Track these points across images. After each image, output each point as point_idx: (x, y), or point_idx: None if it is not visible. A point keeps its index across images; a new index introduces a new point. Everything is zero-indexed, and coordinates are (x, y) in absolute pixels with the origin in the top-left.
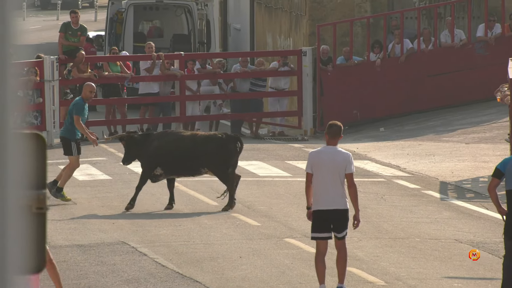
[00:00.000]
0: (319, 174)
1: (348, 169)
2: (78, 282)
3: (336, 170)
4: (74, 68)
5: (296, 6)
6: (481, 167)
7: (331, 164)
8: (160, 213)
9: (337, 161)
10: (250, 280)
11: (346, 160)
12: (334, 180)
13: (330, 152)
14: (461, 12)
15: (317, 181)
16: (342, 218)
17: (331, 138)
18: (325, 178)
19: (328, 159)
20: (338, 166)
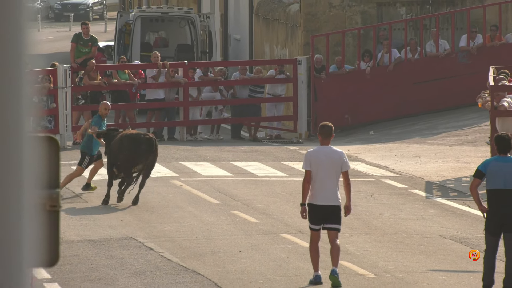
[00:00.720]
0: (316, 171)
1: (344, 166)
2: (89, 275)
3: (333, 168)
4: (85, 75)
5: (292, 18)
6: (463, 168)
7: (328, 162)
8: (165, 210)
9: (334, 159)
10: (249, 273)
11: (341, 158)
12: (331, 177)
13: (326, 151)
14: (445, 23)
15: (314, 178)
16: (334, 212)
17: (324, 138)
18: (322, 176)
19: (326, 158)
20: (335, 164)
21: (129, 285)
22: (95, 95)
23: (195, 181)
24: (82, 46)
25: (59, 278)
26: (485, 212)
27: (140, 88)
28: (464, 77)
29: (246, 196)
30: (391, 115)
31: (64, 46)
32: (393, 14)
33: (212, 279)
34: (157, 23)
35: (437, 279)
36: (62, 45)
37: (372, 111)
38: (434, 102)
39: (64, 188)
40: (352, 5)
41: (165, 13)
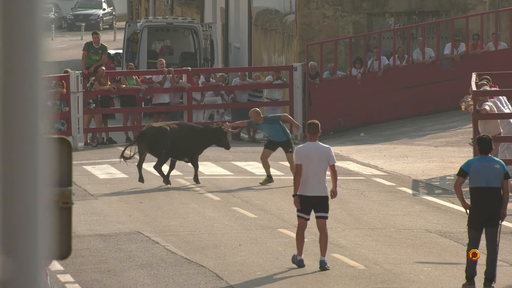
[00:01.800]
0: (307, 165)
1: (331, 160)
2: (99, 266)
3: (321, 162)
4: (96, 81)
5: (288, 27)
6: (448, 167)
7: (316, 157)
8: (170, 207)
9: (321, 154)
10: (248, 265)
11: (328, 154)
12: (319, 170)
13: (314, 147)
14: (431, 33)
15: (304, 172)
16: (322, 202)
17: (312, 135)
18: (311, 169)
19: (314, 153)
20: (323, 158)
21: (136, 276)
22: (105, 99)
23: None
24: (93, 54)
25: (71, 269)
26: (468, 209)
27: (147, 93)
28: (448, 83)
29: (245, 193)
30: (380, 118)
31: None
32: (382, 24)
33: (213, 271)
34: (162, 32)
35: (423, 270)
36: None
37: (363, 114)
38: (420, 106)
39: (75, 186)
40: (344, 15)
41: (170, 23)
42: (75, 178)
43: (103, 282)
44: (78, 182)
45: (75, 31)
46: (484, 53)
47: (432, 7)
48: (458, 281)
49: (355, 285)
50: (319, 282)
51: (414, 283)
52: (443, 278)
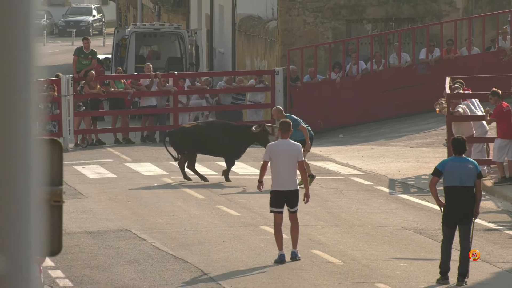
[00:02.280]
0: (278, 161)
1: (300, 157)
2: (89, 262)
3: (291, 158)
4: (86, 85)
5: (270, 33)
6: (423, 167)
7: (287, 154)
8: (157, 205)
9: (292, 151)
10: (232, 261)
11: (298, 151)
12: (289, 167)
13: (285, 145)
14: (407, 38)
15: (276, 167)
16: (294, 196)
17: (283, 133)
18: (282, 165)
19: (285, 150)
20: (293, 156)
21: (124, 272)
22: (94, 102)
23: (184, 179)
24: (83, 59)
25: (62, 265)
26: (442, 207)
27: (134, 96)
28: (423, 86)
29: (229, 192)
30: (358, 120)
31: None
32: (360, 30)
33: (198, 267)
34: (150, 38)
35: (399, 266)
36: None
37: (342, 117)
38: (397, 109)
39: (66, 185)
40: (324, 22)
41: (157, 29)
42: (66, 178)
43: (92, 277)
44: (68, 181)
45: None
46: (457, 57)
47: (408, 14)
48: (433, 276)
49: (334, 280)
50: (299, 277)
51: (391, 278)
52: (418, 273)
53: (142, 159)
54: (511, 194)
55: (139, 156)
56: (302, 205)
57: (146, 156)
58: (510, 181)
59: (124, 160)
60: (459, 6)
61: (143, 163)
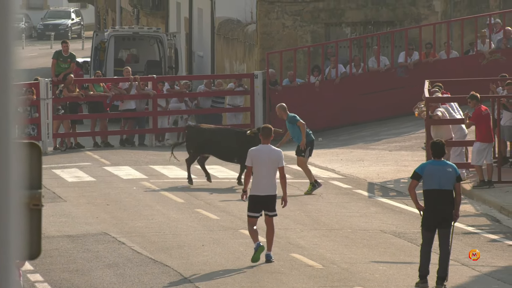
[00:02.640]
0: (258, 167)
1: (280, 163)
2: (68, 266)
3: (272, 164)
4: (65, 88)
5: (249, 37)
6: (402, 170)
7: (268, 159)
8: (136, 209)
9: (273, 157)
10: (211, 264)
11: (279, 156)
12: (269, 172)
13: (266, 150)
14: (386, 42)
15: (256, 172)
16: (272, 201)
17: (264, 138)
18: (262, 170)
19: (266, 156)
20: (273, 161)
21: (103, 275)
22: (73, 105)
23: (163, 183)
24: (62, 62)
25: (41, 269)
26: (421, 210)
27: (113, 100)
28: (402, 90)
29: (208, 195)
30: (338, 124)
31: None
32: (339, 33)
33: (178, 270)
34: (129, 41)
35: (378, 269)
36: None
37: (321, 120)
38: (376, 112)
39: (45, 189)
40: (303, 25)
41: (136, 32)
42: (45, 181)
43: (72, 281)
44: (47, 185)
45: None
46: (436, 61)
47: (387, 18)
48: (412, 279)
49: (313, 284)
50: (278, 281)
51: (370, 281)
52: (397, 276)
53: (121, 162)
54: (490, 197)
55: (118, 160)
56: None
57: (125, 160)
58: (489, 184)
59: (103, 163)
60: (437, 9)
61: (122, 166)
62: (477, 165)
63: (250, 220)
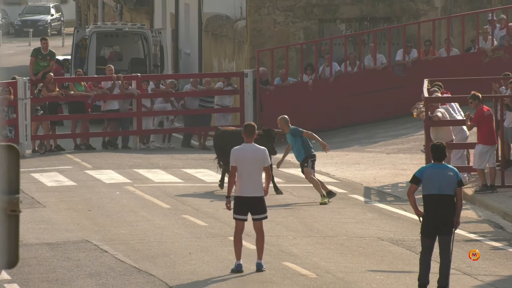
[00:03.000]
0: (242, 167)
1: (266, 162)
2: (47, 276)
3: (257, 163)
4: (44, 87)
5: (239, 33)
6: (400, 174)
7: (252, 158)
8: (119, 215)
9: (257, 156)
10: (198, 274)
11: (264, 155)
12: (255, 172)
13: (250, 149)
14: (383, 39)
15: (240, 173)
16: (258, 203)
17: (248, 136)
18: (247, 170)
19: (250, 154)
20: (258, 160)
21: (84, 285)
22: (53, 106)
23: (148, 187)
24: (41, 60)
25: (19, 279)
26: (421, 216)
27: (95, 100)
28: (400, 89)
29: (195, 201)
30: (332, 125)
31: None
32: (333, 30)
33: (163, 280)
34: (111, 38)
35: (375, 279)
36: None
37: (314, 121)
38: (372, 113)
39: (23, 194)
40: (295, 21)
41: (120, 28)
42: (23, 186)
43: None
44: (25, 189)
45: (23, 37)
46: (436, 59)
47: (384, 13)
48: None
49: None
50: None
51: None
52: (396, 286)
53: (103, 166)
54: (493, 203)
55: (100, 163)
56: (274, 215)
57: (107, 163)
58: (492, 189)
59: (85, 167)
60: (437, 5)
61: (104, 170)
62: (479, 169)
63: (237, 225)
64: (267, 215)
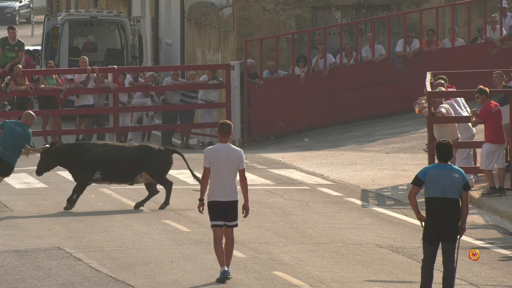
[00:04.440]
0: (216, 169)
1: (241, 165)
2: (15, 286)
3: (232, 165)
4: (12, 81)
5: (225, 22)
6: (400, 176)
7: (227, 160)
8: (94, 219)
9: (232, 158)
10: (181, 284)
11: (239, 156)
12: (229, 174)
13: (225, 150)
14: (381, 28)
15: (214, 175)
16: (233, 208)
17: (223, 136)
18: (222, 173)
19: (224, 156)
20: (233, 161)
21: None
22: (21, 101)
23: (125, 190)
24: (9, 51)
25: None
26: (423, 221)
27: (68, 94)
28: (400, 83)
29: (177, 204)
30: (326, 122)
31: None
32: (328, 19)
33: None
34: (85, 27)
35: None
36: None
37: (307, 118)
38: (370, 109)
39: None
40: (286, 9)
41: (94, 16)
42: None
43: None
44: None
45: None
46: (439, 50)
47: (383, 0)
48: None
49: None
50: None
51: None
52: None
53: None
54: (501, 207)
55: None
56: (264, 220)
57: None
58: (500, 192)
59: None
60: None
61: None
62: (486, 170)
63: (215, 232)
64: (237, 223)
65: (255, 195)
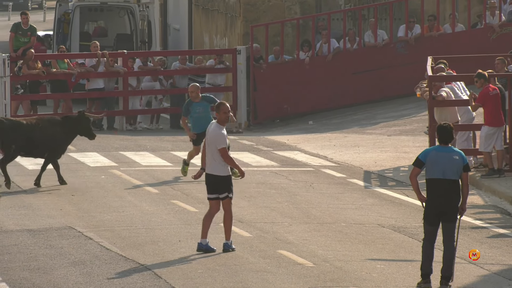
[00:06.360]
0: (206, 145)
1: (217, 144)
2: (28, 264)
3: (211, 143)
4: (24, 65)
5: (231, 8)
6: (402, 158)
7: (210, 137)
8: (105, 200)
9: (212, 136)
10: (189, 262)
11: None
12: (212, 151)
13: (211, 128)
14: (384, 14)
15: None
16: (222, 182)
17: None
18: (208, 149)
19: (209, 134)
20: (212, 141)
21: (68, 274)
22: (34, 84)
23: (135, 171)
24: (21, 36)
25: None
26: (424, 202)
27: (79, 78)
28: (402, 67)
29: (185, 185)
30: (330, 105)
31: (3, 35)
32: (332, 5)
33: (151, 269)
34: (96, 12)
35: (376, 268)
36: (1, 35)
37: (311, 101)
38: (372, 92)
39: (2, 177)
40: None
41: (104, 2)
42: None
43: (33, 280)
44: None
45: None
46: (440, 35)
47: None
48: (413, 279)
49: (303, 284)
50: (265, 281)
51: (366, 281)
52: (397, 276)
53: (87, 148)
54: (500, 187)
55: (84, 145)
56: (269, 200)
57: (92, 145)
58: (499, 173)
59: (68, 149)
60: None
61: (89, 153)
62: (485, 152)
63: (210, 205)
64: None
65: (261, 176)
